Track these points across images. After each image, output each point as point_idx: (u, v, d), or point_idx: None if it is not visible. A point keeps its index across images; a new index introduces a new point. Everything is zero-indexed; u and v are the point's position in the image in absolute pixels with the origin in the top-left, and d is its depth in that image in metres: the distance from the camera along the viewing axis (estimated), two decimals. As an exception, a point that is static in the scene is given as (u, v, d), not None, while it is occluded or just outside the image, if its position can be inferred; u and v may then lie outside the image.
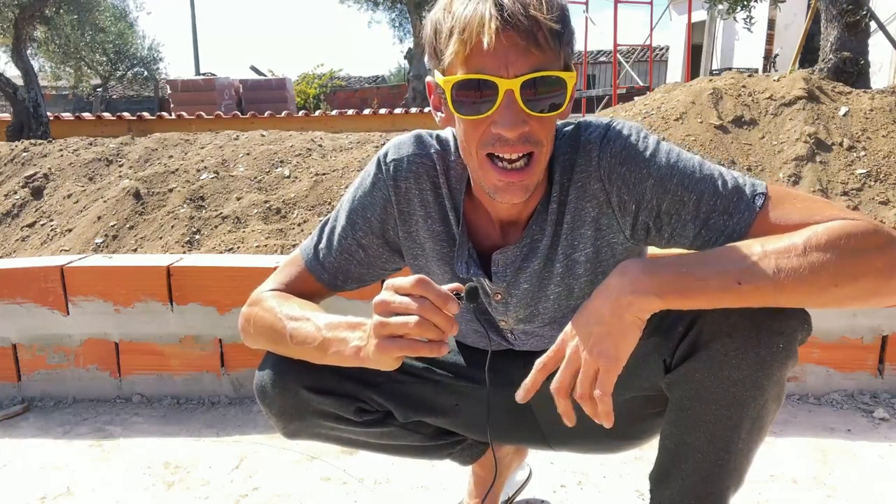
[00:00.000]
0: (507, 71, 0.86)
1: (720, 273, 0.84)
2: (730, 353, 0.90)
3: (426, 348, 0.86)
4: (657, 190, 0.96)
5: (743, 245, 0.87)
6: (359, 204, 1.11)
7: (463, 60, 0.88)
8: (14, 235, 3.20)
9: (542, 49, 0.87)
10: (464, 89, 0.89)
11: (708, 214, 0.94)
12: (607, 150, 0.99)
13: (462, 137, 0.95)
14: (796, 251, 0.84)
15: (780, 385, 0.94)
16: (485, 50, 0.85)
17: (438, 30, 0.92)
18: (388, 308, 0.87)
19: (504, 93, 0.87)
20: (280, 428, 1.15)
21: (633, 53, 15.38)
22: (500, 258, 1.06)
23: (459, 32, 0.87)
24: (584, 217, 1.02)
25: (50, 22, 9.23)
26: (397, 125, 8.87)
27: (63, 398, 2.24)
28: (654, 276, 0.86)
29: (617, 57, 13.42)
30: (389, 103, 12.58)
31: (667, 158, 0.97)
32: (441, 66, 0.92)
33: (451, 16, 0.88)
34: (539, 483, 1.66)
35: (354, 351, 0.93)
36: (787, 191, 0.95)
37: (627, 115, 3.71)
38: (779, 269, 0.83)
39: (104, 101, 16.52)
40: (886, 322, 2.07)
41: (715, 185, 0.94)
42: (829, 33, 3.94)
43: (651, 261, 0.89)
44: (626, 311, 0.85)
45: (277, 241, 2.75)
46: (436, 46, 0.93)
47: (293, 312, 1.04)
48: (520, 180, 0.92)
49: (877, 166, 2.98)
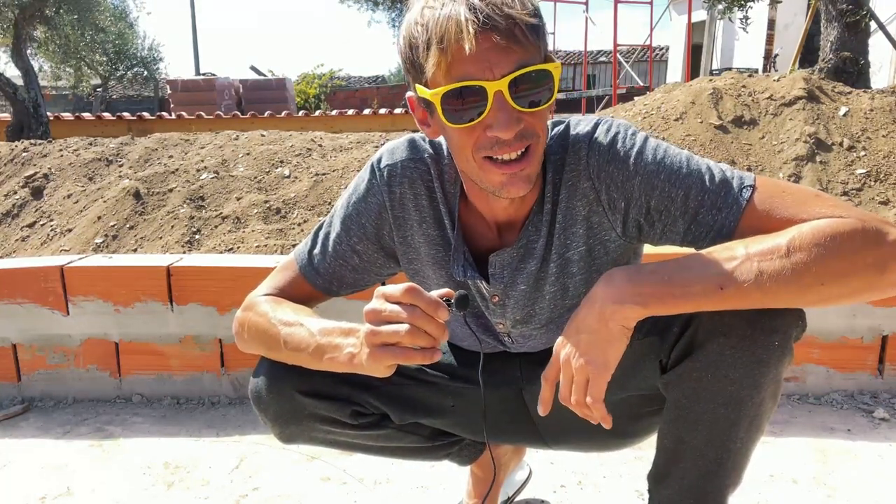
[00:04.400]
0: (492, 73, 0.85)
1: (702, 279, 0.85)
2: (726, 353, 0.90)
3: (419, 356, 0.86)
4: (645, 187, 0.96)
5: (726, 248, 0.87)
6: (353, 210, 1.11)
7: (446, 70, 0.87)
8: (14, 235, 3.20)
9: (523, 45, 0.86)
10: (452, 98, 0.87)
11: (696, 210, 0.94)
12: (595, 148, 0.99)
13: (456, 145, 0.94)
14: (780, 252, 0.84)
15: (777, 383, 0.94)
16: (466, 55, 0.84)
17: (414, 44, 0.90)
18: (378, 317, 0.87)
19: (493, 95, 0.86)
20: (276, 433, 1.15)
21: (633, 53, 15.37)
22: (496, 260, 1.06)
23: (438, 42, 0.85)
24: (575, 216, 1.02)
25: (50, 22, 9.22)
26: (397, 125, 8.87)
27: (63, 398, 2.24)
28: (637, 286, 0.87)
29: (617, 57, 13.41)
30: (389, 103, 12.58)
31: (654, 155, 0.97)
32: (423, 79, 0.90)
33: (425, 28, 0.87)
34: (539, 483, 1.66)
35: (348, 357, 0.93)
36: (777, 183, 0.95)
37: (627, 115, 3.71)
38: (761, 271, 0.84)
39: (104, 101, 16.51)
40: (886, 322, 2.07)
41: (702, 180, 0.94)
42: (829, 33, 3.94)
43: (636, 269, 0.90)
44: (610, 319, 0.87)
45: (277, 241, 2.76)
46: (414, 61, 0.91)
47: (286, 317, 1.04)
48: (520, 169, 0.91)
49: (877, 166, 2.98)
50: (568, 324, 0.93)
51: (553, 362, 0.93)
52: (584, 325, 0.89)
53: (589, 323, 0.89)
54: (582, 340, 0.89)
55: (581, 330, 0.90)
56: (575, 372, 0.90)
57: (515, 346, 1.19)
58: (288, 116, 10.29)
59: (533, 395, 1.21)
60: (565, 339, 0.92)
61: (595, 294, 0.90)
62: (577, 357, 0.89)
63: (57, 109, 13.02)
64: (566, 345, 0.91)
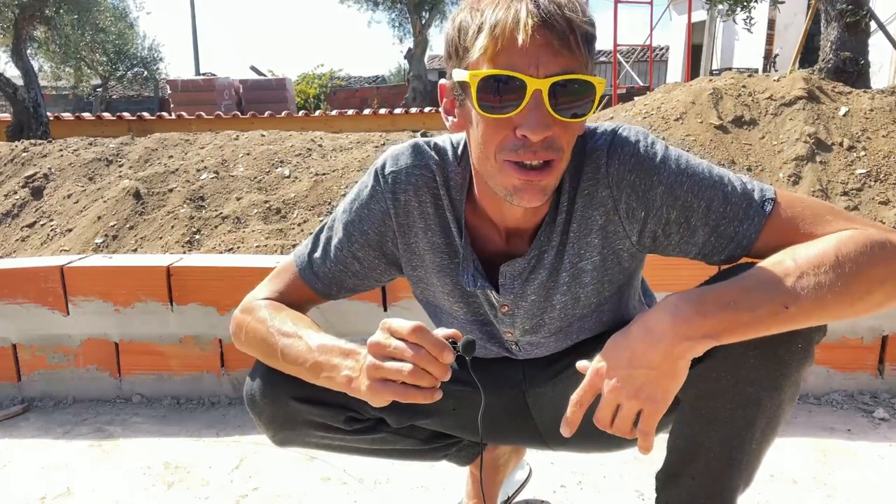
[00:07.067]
0: (537, 70, 0.83)
1: (767, 300, 0.83)
2: (748, 353, 0.89)
3: (419, 395, 0.86)
4: (667, 197, 0.95)
5: (775, 264, 0.85)
6: (356, 216, 1.09)
7: (492, 56, 0.84)
8: (14, 235, 3.20)
9: (573, 52, 0.84)
10: (490, 86, 0.85)
11: (718, 221, 0.93)
12: (615, 157, 0.97)
13: (480, 140, 0.90)
14: (829, 263, 0.83)
15: (797, 385, 0.94)
16: (517, 47, 0.82)
17: (464, 27, 0.88)
18: (382, 351, 0.86)
19: (532, 93, 0.84)
20: (270, 437, 1.15)
21: (633, 53, 15.36)
22: (507, 270, 1.04)
23: (491, 28, 0.83)
24: (591, 225, 1.00)
25: (50, 22, 9.22)
26: (397, 125, 8.86)
27: (63, 398, 2.24)
28: (708, 318, 0.83)
29: (617, 57, 13.41)
30: (389, 103, 12.58)
31: (676, 165, 0.95)
32: (465, 63, 0.88)
33: (480, 14, 0.86)
34: (539, 483, 1.66)
35: (346, 380, 0.92)
36: (795, 196, 0.95)
37: (627, 115, 3.71)
38: (819, 284, 0.82)
39: (104, 101, 16.51)
40: (886, 322, 2.07)
41: (724, 192, 0.93)
42: (829, 33, 3.94)
43: (699, 297, 0.85)
44: (680, 357, 0.84)
45: (277, 241, 2.75)
46: (459, 45, 0.89)
47: (285, 328, 1.03)
48: (539, 179, 0.89)
49: (877, 166, 2.98)
50: (612, 350, 0.88)
51: (589, 387, 0.89)
52: (645, 360, 0.84)
53: (651, 358, 0.84)
54: (639, 376, 0.85)
55: (639, 365, 0.85)
56: (625, 404, 0.86)
57: (522, 354, 1.17)
58: (288, 116, 10.29)
59: (535, 397, 1.21)
60: (612, 370, 0.87)
61: (660, 328, 0.84)
62: (634, 392, 0.85)
63: (57, 109, 13.02)
64: (613, 375, 0.87)
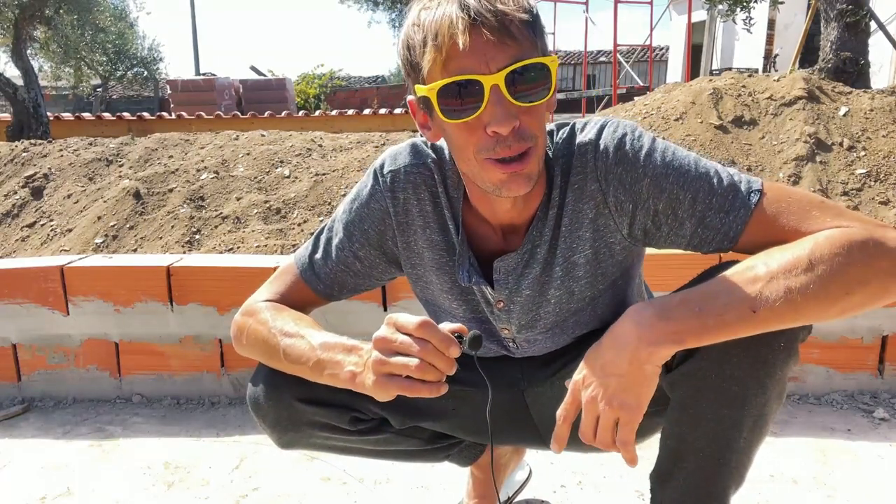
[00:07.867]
0: (487, 67, 0.85)
1: (732, 305, 0.83)
2: (731, 352, 0.90)
3: (425, 389, 0.86)
4: (653, 189, 0.96)
5: (747, 268, 0.86)
6: (356, 216, 1.10)
7: (442, 66, 0.87)
8: (14, 235, 3.20)
9: (517, 40, 0.86)
10: (449, 93, 0.87)
11: (704, 213, 0.94)
12: (603, 150, 0.98)
13: (457, 146, 0.93)
14: (803, 266, 0.83)
15: (782, 383, 0.94)
16: (461, 51, 0.85)
17: (411, 45, 0.91)
18: (388, 346, 0.87)
19: (490, 89, 0.86)
20: (274, 439, 1.15)
21: (633, 53, 15.37)
22: (501, 265, 1.05)
23: (433, 39, 0.86)
24: (581, 219, 1.02)
25: (50, 22, 9.22)
26: (397, 125, 8.86)
27: (63, 398, 2.24)
28: (671, 322, 0.85)
29: (617, 57, 13.41)
30: (389, 103, 12.57)
31: (662, 157, 0.96)
32: (420, 78, 0.91)
33: (420, 28, 0.88)
34: (539, 483, 1.66)
35: (349, 376, 0.93)
36: (783, 188, 0.95)
37: (627, 115, 3.71)
38: (789, 288, 0.82)
39: (104, 101, 16.51)
40: (886, 322, 2.07)
41: (710, 183, 0.94)
42: (829, 33, 3.94)
43: (662, 304, 0.88)
44: (646, 362, 0.86)
45: (277, 241, 2.75)
46: (411, 61, 0.92)
47: (287, 328, 1.03)
48: (521, 169, 0.91)
49: (877, 166, 2.98)
50: (587, 358, 0.91)
51: (571, 400, 0.92)
52: (614, 367, 0.87)
53: (619, 365, 0.87)
54: (611, 384, 0.87)
55: (610, 373, 0.88)
56: (602, 413, 0.88)
57: (520, 352, 1.18)
58: (288, 116, 10.28)
59: (534, 396, 1.22)
60: (587, 377, 0.90)
61: (624, 335, 0.87)
62: (607, 400, 0.88)
63: (57, 109, 13.01)
64: (589, 384, 0.89)
